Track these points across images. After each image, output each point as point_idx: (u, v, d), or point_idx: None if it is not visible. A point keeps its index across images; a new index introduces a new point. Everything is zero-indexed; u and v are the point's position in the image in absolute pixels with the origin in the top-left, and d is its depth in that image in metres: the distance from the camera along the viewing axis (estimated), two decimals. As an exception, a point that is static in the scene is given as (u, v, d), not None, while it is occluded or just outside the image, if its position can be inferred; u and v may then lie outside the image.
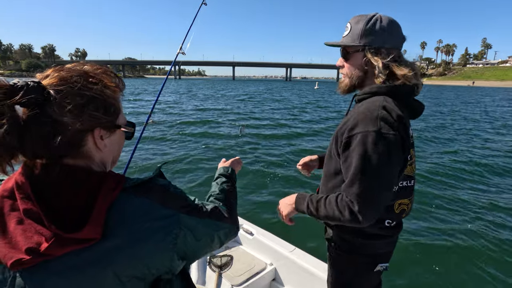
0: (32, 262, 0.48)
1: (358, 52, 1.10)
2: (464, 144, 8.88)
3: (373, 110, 0.99)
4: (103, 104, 0.57)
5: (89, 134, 0.57)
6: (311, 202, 1.10)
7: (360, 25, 1.07)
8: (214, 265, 2.27)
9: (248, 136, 9.12)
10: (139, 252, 0.54)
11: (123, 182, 0.58)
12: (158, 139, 8.85)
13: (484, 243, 3.48)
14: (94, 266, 0.51)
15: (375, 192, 0.96)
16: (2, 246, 0.48)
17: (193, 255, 0.65)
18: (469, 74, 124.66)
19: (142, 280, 0.56)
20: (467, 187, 5.32)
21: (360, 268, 1.21)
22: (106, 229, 0.52)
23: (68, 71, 0.56)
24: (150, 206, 0.57)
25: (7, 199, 0.52)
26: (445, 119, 14.82)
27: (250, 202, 4.55)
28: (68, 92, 0.53)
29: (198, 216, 0.65)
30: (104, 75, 0.60)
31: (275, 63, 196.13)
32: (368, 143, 0.94)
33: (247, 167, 6.15)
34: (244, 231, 2.60)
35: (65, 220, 0.51)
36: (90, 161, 0.58)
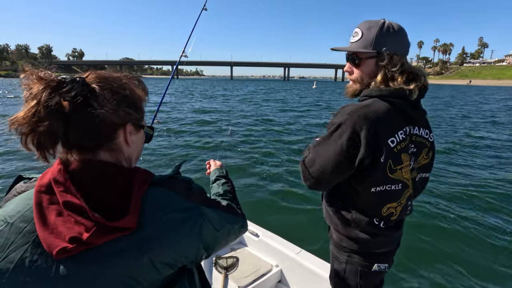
0: (76, 251, 0.51)
1: (370, 58, 1.10)
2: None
3: (352, 105, 1.08)
4: (134, 104, 0.64)
5: (122, 128, 0.62)
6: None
7: (372, 31, 1.08)
8: (220, 266, 2.29)
9: (254, 139, 9.14)
10: (171, 241, 0.58)
11: (150, 177, 0.63)
12: (163, 137, 8.87)
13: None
14: (131, 254, 0.54)
15: (319, 169, 1.10)
16: (46, 236, 0.51)
17: (213, 245, 0.69)
18: (466, 73, 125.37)
19: (172, 267, 0.60)
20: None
21: (357, 267, 1.22)
22: (141, 219, 0.56)
23: (105, 73, 0.63)
24: (176, 198, 0.62)
25: (44, 194, 0.55)
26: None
27: (255, 204, 4.57)
28: (108, 88, 0.60)
29: (217, 208, 0.70)
30: (133, 81, 0.67)
31: (273, 62, 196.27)
32: (332, 131, 1.06)
33: (253, 170, 6.17)
34: (249, 233, 2.60)
35: (104, 210, 0.54)
36: (120, 156, 0.63)
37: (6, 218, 0.55)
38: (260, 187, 5.22)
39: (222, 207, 0.72)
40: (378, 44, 1.07)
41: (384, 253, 1.23)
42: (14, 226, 0.54)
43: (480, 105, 23.24)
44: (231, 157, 6.97)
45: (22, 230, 0.53)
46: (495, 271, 3.05)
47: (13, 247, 0.52)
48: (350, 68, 1.17)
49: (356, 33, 1.12)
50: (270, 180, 5.54)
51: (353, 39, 1.13)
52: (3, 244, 0.52)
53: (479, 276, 2.98)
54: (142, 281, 0.56)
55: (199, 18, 2.12)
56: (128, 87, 0.64)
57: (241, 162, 6.59)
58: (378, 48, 1.07)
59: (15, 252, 0.52)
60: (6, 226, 0.54)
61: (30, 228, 0.53)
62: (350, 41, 1.15)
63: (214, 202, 0.71)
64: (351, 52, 1.14)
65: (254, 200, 4.68)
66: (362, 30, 1.10)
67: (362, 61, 1.12)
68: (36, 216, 0.53)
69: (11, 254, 0.51)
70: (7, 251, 0.52)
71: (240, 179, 5.54)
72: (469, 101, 28.15)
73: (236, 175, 5.68)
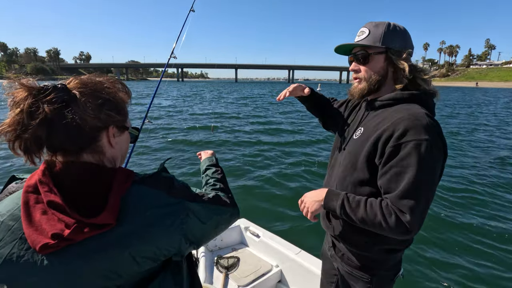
0: (58, 246, 0.54)
1: (379, 54, 1.07)
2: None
3: (420, 117, 0.95)
4: (116, 106, 0.67)
5: (104, 131, 0.65)
6: (347, 200, 1.01)
7: (380, 28, 1.06)
8: (221, 266, 2.32)
9: (262, 142, 9.19)
10: (151, 236, 0.60)
11: (132, 176, 0.66)
12: (156, 139, 8.98)
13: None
14: (112, 249, 0.57)
15: (426, 205, 0.93)
16: (31, 233, 0.55)
17: (201, 237, 0.72)
18: (473, 75, 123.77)
19: (155, 260, 0.62)
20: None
21: (384, 280, 1.18)
22: (121, 216, 0.59)
23: (87, 79, 0.65)
24: (158, 195, 0.65)
25: (31, 194, 0.59)
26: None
27: (256, 205, 4.60)
28: (89, 93, 0.62)
29: (201, 201, 0.72)
30: (116, 85, 0.70)
31: (277, 65, 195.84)
32: (423, 153, 0.90)
33: (257, 171, 6.21)
34: (250, 233, 2.64)
35: (84, 209, 0.57)
36: (103, 157, 0.66)
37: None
38: (261, 188, 5.25)
39: (207, 200, 0.74)
40: (387, 40, 1.05)
41: (401, 260, 1.21)
42: (4, 224, 0.58)
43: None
44: (233, 159, 7.04)
45: (11, 227, 0.57)
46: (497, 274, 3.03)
47: (2, 243, 0.56)
48: (357, 66, 1.13)
49: (362, 32, 1.10)
50: (271, 182, 5.56)
51: (360, 37, 1.10)
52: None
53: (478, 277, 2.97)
54: (122, 274, 0.59)
55: (187, 19, 2.16)
56: (109, 91, 0.66)
57: (245, 165, 6.63)
58: (387, 43, 1.05)
59: (4, 248, 0.56)
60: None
61: (18, 226, 0.57)
62: (356, 40, 1.12)
63: (197, 196, 0.72)
64: (358, 49, 1.11)
65: (254, 201, 4.70)
66: (369, 28, 1.08)
67: (371, 57, 1.08)
68: (22, 214, 0.57)
69: (0, 250, 0.56)
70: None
71: (241, 180, 5.59)
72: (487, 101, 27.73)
73: (239, 177, 5.73)
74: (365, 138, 1.07)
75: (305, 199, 1.14)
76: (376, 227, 0.96)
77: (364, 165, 1.05)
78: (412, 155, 0.91)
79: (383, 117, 1.05)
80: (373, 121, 1.10)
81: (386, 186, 0.97)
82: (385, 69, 1.09)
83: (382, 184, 0.99)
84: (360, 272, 1.17)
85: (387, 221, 0.93)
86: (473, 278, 2.97)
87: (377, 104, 1.11)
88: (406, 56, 1.05)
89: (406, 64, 1.04)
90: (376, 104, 1.12)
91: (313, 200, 1.10)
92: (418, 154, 0.91)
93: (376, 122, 1.06)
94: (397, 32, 1.07)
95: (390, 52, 1.06)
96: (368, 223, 0.97)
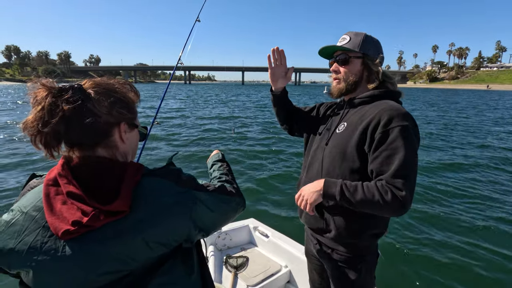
0: (78, 232, 0.59)
1: (357, 58, 1.24)
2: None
3: (400, 108, 1.12)
4: (126, 105, 0.72)
5: (116, 127, 0.70)
6: (345, 186, 1.09)
7: (359, 37, 1.24)
8: (230, 265, 2.33)
9: (274, 143, 9.23)
10: (161, 222, 0.65)
11: (142, 169, 0.71)
12: (164, 139, 9.08)
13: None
14: (126, 235, 0.62)
15: (414, 182, 1.06)
16: (53, 221, 0.60)
17: (210, 225, 0.76)
18: (483, 77, 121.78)
19: (166, 246, 0.66)
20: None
21: (371, 264, 1.30)
22: (133, 204, 0.63)
23: (100, 80, 0.71)
24: (166, 185, 0.70)
25: (52, 186, 0.63)
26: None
27: (266, 204, 4.60)
28: (102, 92, 0.68)
29: (207, 191, 0.76)
30: (125, 86, 0.75)
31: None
32: (410, 136, 1.06)
33: (266, 172, 6.23)
34: (259, 233, 2.65)
35: (101, 198, 0.62)
36: (116, 151, 0.71)
37: (21, 209, 0.64)
38: (270, 188, 5.26)
39: (213, 189, 0.78)
40: (365, 47, 1.23)
41: None
42: (28, 214, 0.63)
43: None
44: (243, 159, 7.07)
45: (35, 217, 0.62)
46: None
47: (27, 232, 0.61)
48: (337, 67, 1.28)
49: (344, 38, 1.26)
50: (281, 181, 5.57)
51: (342, 42, 1.26)
52: (19, 230, 0.62)
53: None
54: (136, 258, 0.63)
55: (192, 29, 2.22)
56: (120, 91, 0.72)
57: (255, 165, 6.66)
58: (364, 50, 1.23)
59: (28, 236, 0.61)
60: (21, 215, 0.63)
61: (40, 215, 0.62)
62: (338, 45, 1.27)
63: (203, 186, 0.77)
64: (340, 52, 1.27)
65: (263, 201, 4.71)
66: (350, 36, 1.25)
67: (351, 60, 1.25)
68: (45, 205, 0.62)
69: (25, 238, 0.61)
70: (23, 236, 0.61)
71: (250, 180, 5.61)
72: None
73: (249, 176, 5.76)
74: (351, 130, 1.18)
75: (303, 192, 1.19)
76: (375, 206, 1.04)
77: (354, 153, 1.15)
78: (399, 138, 1.05)
79: (365, 111, 1.19)
80: (355, 115, 1.22)
81: (379, 169, 1.07)
82: (361, 72, 1.26)
83: (374, 168, 1.09)
84: (351, 261, 1.26)
85: (384, 199, 1.02)
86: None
87: (356, 101, 1.26)
88: (378, 62, 1.24)
89: (380, 69, 1.24)
90: (356, 101, 1.26)
91: (311, 191, 1.15)
92: (403, 137, 1.05)
93: (359, 116, 1.19)
94: (372, 42, 1.25)
95: (366, 57, 1.23)
96: (366, 204, 1.05)
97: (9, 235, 0.62)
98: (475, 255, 3.38)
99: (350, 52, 1.24)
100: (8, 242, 0.61)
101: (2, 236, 0.63)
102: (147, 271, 0.64)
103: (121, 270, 0.62)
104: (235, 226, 2.71)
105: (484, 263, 3.22)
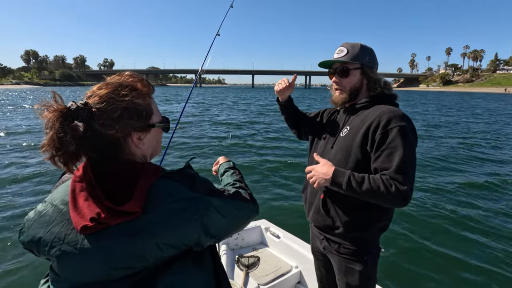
0: (95, 228, 0.62)
1: (356, 69, 1.32)
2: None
3: (397, 110, 1.22)
4: (135, 112, 0.71)
5: (128, 137, 0.71)
6: (353, 176, 1.16)
7: (356, 48, 1.31)
8: (242, 264, 2.38)
9: (283, 147, 9.29)
10: (171, 226, 0.66)
11: (159, 171, 0.72)
12: (184, 142, 9.24)
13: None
14: (138, 235, 0.64)
15: (414, 177, 1.16)
16: (74, 216, 0.64)
17: (222, 231, 0.76)
18: (499, 80, 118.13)
19: (176, 248, 0.67)
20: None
21: (376, 257, 1.39)
22: (147, 206, 0.65)
23: (106, 87, 0.70)
24: (180, 189, 0.70)
25: (78, 183, 0.68)
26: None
27: (277, 206, 4.66)
28: (106, 110, 0.67)
29: (222, 197, 0.76)
30: (137, 83, 0.74)
31: (294, 71, 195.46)
32: (407, 135, 1.16)
33: (277, 172, 6.29)
34: (271, 234, 2.70)
35: (117, 198, 0.65)
36: (134, 156, 0.73)
37: (52, 201, 0.70)
38: (282, 189, 5.30)
39: (228, 195, 0.78)
40: (362, 57, 1.31)
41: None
42: (56, 207, 0.69)
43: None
44: (256, 162, 7.13)
45: (61, 210, 0.67)
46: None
47: (54, 223, 0.67)
48: (338, 79, 1.36)
49: (341, 50, 1.33)
50: (292, 184, 5.61)
51: (339, 55, 1.33)
52: (48, 220, 0.68)
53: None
54: (148, 258, 0.65)
55: (213, 43, 2.33)
56: (127, 99, 0.69)
57: (267, 168, 6.72)
58: (362, 60, 1.31)
59: (55, 227, 0.66)
60: (51, 207, 0.69)
61: (67, 209, 0.66)
62: (335, 57, 1.34)
63: (219, 191, 0.77)
64: (339, 64, 1.34)
65: (275, 202, 4.76)
66: (347, 48, 1.33)
67: (350, 71, 1.33)
68: (70, 200, 0.66)
69: (52, 229, 0.66)
70: (50, 226, 0.67)
71: (263, 181, 5.68)
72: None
73: (261, 178, 5.82)
74: (354, 133, 1.27)
75: (314, 171, 1.26)
76: (380, 196, 1.12)
77: (358, 154, 1.24)
78: (398, 137, 1.15)
79: (365, 115, 1.29)
80: (356, 120, 1.32)
81: (381, 166, 1.16)
82: (361, 80, 1.34)
83: (377, 166, 1.17)
84: (357, 254, 1.34)
85: (389, 191, 1.10)
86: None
87: (357, 106, 1.35)
88: (375, 70, 1.34)
89: (380, 76, 1.33)
90: (356, 107, 1.35)
91: (322, 176, 1.23)
92: (402, 137, 1.15)
93: (361, 119, 1.28)
94: (368, 51, 1.33)
95: (364, 67, 1.31)
96: (372, 194, 1.13)
97: (40, 224, 0.68)
98: (476, 253, 3.38)
99: (348, 64, 1.31)
100: (38, 230, 0.68)
101: (35, 225, 0.69)
102: (159, 269, 0.66)
103: (134, 267, 0.64)
104: (247, 227, 2.76)
105: (485, 263, 3.22)
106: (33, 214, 0.71)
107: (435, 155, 8.24)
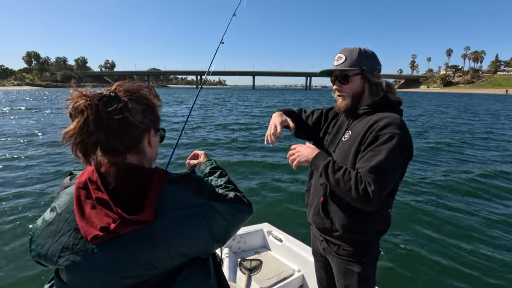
0: (105, 238, 0.62)
1: (356, 75, 1.31)
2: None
3: (397, 119, 1.21)
4: (154, 111, 0.75)
5: (146, 133, 0.73)
6: (332, 163, 1.20)
7: (355, 53, 1.29)
8: (244, 267, 2.39)
9: (287, 149, 9.26)
10: (181, 233, 0.66)
11: (167, 176, 0.72)
12: (190, 145, 9.24)
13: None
14: (148, 243, 0.64)
15: (387, 185, 1.14)
16: (83, 225, 0.63)
17: (226, 235, 0.76)
18: (500, 81, 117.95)
19: (186, 256, 0.68)
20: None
21: (375, 260, 1.40)
22: (157, 214, 0.65)
23: (128, 84, 0.72)
24: (188, 195, 0.71)
25: (82, 190, 0.67)
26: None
27: (279, 209, 4.65)
28: (135, 100, 0.69)
29: (224, 201, 0.78)
30: (149, 91, 0.76)
31: (294, 72, 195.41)
32: (393, 143, 1.14)
33: (280, 177, 6.28)
34: (273, 238, 2.70)
35: (126, 206, 0.64)
36: (144, 157, 0.73)
37: (57, 209, 0.68)
38: (284, 193, 5.29)
39: (230, 199, 0.80)
40: (362, 62, 1.29)
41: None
42: (62, 216, 0.67)
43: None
44: (256, 164, 7.15)
45: (67, 219, 0.66)
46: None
47: (61, 232, 0.65)
48: (339, 86, 1.35)
49: (340, 57, 1.32)
50: (294, 187, 5.60)
51: (338, 62, 1.32)
52: (55, 230, 0.66)
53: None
54: (158, 266, 0.64)
55: (217, 51, 2.34)
56: (147, 97, 0.73)
57: (269, 171, 6.72)
58: (361, 65, 1.29)
59: (62, 236, 0.65)
60: (56, 216, 0.68)
61: (72, 218, 0.65)
62: (335, 65, 1.33)
63: (222, 196, 0.78)
64: (338, 72, 1.32)
65: (279, 206, 4.76)
66: (345, 54, 1.31)
67: (350, 78, 1.31)
68: (75, 208, 0.64)
69: (60, 238, 0.65)
70: (58, 236, 0.66)
71: (264, 184, 5.68)
72: None
73: (262, 182, 5.83)
74: (354, 138, 1.28)
75: (297, 150, 1.29)
76: (348, 190, 1.12)
77: (355, 158, 1.24)
78: (386, 143, 1.15)
79: (367, 120, 1.28)
80: (358, 125, 1.32)
81: (361, 165, 1.17)
82: (363, 85, 1.33)
83: (359, 165, 1.19)
84: (356, 256, 1.36)
85: (357, 188, 1.10)
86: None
87: (360, 112, 1.34)
88: (377, 73, 1.31)
89: (382, 80, 1.31)
90: (359, 112, 1.34)
91: (304, 155, 1.27)
92: (390, 143, 1.14)
93: (363, 125, 1.28)
94: (368, 55, 1.31)
95: (365, 72, 1.29)
96: (341, 185, 1.14)
97: (48, 234, 0.67)
98: (476, 255, 3.39)
99: (347, 71, 1.30)
100: (46, 240, 0.66)
101: (42, 234, 0.68)
102: (168, 277, 0.66)
103: (143, 275, 0.64)
104: (250, 230, 2.77)
105: (485, 263, 3.24)
106: (40, 222, 0.70)
107: (436, 157, 8.23)
